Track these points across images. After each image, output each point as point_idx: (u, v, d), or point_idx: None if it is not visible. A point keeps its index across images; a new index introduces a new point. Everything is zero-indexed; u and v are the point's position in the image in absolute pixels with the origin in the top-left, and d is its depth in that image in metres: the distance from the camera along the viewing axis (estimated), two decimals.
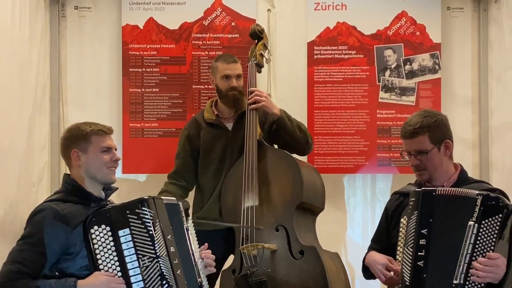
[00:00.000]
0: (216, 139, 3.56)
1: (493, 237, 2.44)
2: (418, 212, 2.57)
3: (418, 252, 2.52)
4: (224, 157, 3.53)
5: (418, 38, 4.16)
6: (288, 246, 3.23)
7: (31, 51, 3.89)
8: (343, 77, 4.18)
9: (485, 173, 4.12)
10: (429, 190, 2.61)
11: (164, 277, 2.38)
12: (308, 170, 3.42)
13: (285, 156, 3.40)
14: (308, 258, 3.17)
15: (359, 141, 4.18)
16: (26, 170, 3.78)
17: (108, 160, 2.58)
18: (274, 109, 3.46)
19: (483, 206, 2.46)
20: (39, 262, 2.38)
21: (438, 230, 2.53)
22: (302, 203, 3.29)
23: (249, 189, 3.32)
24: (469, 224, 2.47)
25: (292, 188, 3.30)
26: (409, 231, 2.59)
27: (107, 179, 2.59)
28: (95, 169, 2.57)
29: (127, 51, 4.17)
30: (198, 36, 4.19)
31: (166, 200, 2.62)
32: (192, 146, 3.60)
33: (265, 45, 3.62)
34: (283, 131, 3.48)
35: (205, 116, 3.60)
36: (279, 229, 3.27)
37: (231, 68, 3.50)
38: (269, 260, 3.23)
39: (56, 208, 2.46)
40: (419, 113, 2.77)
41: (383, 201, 4.11)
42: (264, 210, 3.32)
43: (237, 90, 3.49)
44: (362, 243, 4.11)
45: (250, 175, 3.34)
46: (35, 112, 3.94)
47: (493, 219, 2.45)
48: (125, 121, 4.17)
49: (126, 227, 2.42)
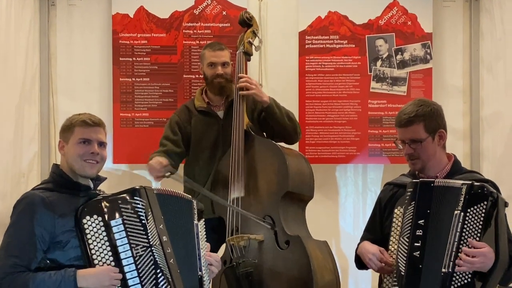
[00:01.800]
0: (207, 127, 3.55)
1: (479, 224, 2.45)
2: (415, 202, 2.58)
3: (414, 242, 2.53)
4: (217, 145, 3.53)
5: (409, 27, 4.15)
6: (274, 236, 3.23)
7: (19, 40, 3.85)
8: (335, 67, 4.17)
9: (476, 163, 4.13)
10: (427, 181, 2.62)
11: (158, 266, 2.38)
12: (295, 158, 3.40)
13: (271, 146, 3.39)
14: (293, 248, 3.17)
15: (351, 131, 4.17)
16: (14, 161, 3.75)
17: (82, 152, 2.53)
18: (263, 96, 3.45)
19: (468, 195, 2.48)
20: (31, 251, 2.37)
21: (433, 221, 2.54)
22: (288, 193, 3.28)
23: (236, 180, 3.32)
24: (455, 213, 2.49)
25: (278, 178, 3.29)
26: (405, 222, 2.59)
27: (82, 171, 2.55)
28: (71, 160, 2.54)
29: (117, 40, 4.13)
30: (189, 25, 4.16)
31: (159, 190, 2.59)
32: (181, 132, 3.58)
33: (254, 33, 3.59)
34: (272, 119, 3.47)
35: (196, 104, 3.59)
36: (266, 219, 3.27)
37: (217, 55, 3.49)
38: (256, 251, 3.23)
39: (41, 195, 2.45)
40: (414, 102, 2.77)
41: (374, 191, 4.13)
42: (251, 200, 3.32)
43: (223, 77, 3.49)
44: (353, 233, 4.13)
45: (237, 166, 3.33)
46: (24, 102, 3.91)
47: (478, 207, 2.46)
48: (116, 111, 4.13)
49: (119, 217, 2.40)
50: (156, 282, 2.37)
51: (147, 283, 2.36)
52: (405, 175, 2.85)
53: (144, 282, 2.36)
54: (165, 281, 2.38)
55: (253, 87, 3.43)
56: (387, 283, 2.63)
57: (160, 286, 2.37)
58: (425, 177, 2.72)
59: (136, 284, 2.36)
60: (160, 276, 2.37)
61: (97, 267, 2.37)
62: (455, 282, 2.43)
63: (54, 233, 2.41)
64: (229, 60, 3.54)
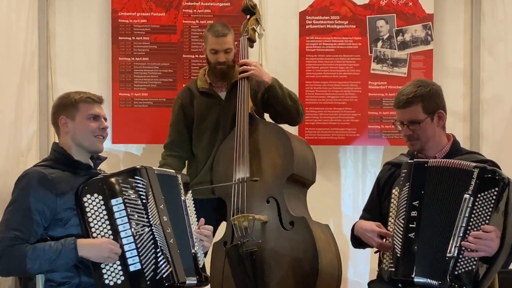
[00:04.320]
0: (209, 108, 3.54)
1: (489, 210, 2.42)
2: (409, 184, 2.56)
3: (409, 224, 2.51)
4: (218, 126, 3.52)
5: (410, 8, 4.13)
6: (278, 217, 3.24)
7: (18, 18, 3.82)
8: (335, 47, 4.15)
9: (475, 145, 4.12)
10: (421, 161, 2.59)
11: (157, 245, 2.38)
12: (299, 143, 3.42)
13: (276, 129, 3.40)
14: (298, 229, 3.18)
15: (351, 113, 4.16)
16: (14, 140, 3.74)
17: (95, 127, 2.55)
18: (264, 77, 3.44)
19: (480, 179, 2.44)
20: (32, 225, 2.37)
21: (430, 202, 2.52)
22: (292, 175, 3.29)
23: (240, 162, 3.32)
24: (464, 197, 2.45)
25: (283, 160, 3.30)
26: (400, 203, 2.58)
27: (93, 147, 2.56)
28: (81, 137, 2.54)
29: (116, 19, 4.11)
30: (188, 5, 4.13)
31: (159, 171, 2.59)
32: (186, 115, 3.58)
33: (257, 20, 3.60)
34: (274, 99, 3.46)
35: (198, 85, 3.57)
36: (269, 200, 3.28)
37: (219, 42, 3.45)
38: (259, 231, 3.24)
39: (43, 171, 2.45)
40: (413, 82, 2.75)
41: (374, 173, 4.12)
42: (255, 182, 3.30)
43: (225, 64, 3.46)
44: (352, 215, 4.12)
45: (241, 148, 3.33)
46: (24, 81, 3.90)
47: (489, 193, 2.43)
48: (115, 91, 4.12)
49: (119, 196, 2.40)
50: (156, 261, 2.37)
51: (147, 262, 2.37)
52: (404, 155, 2.84)
53: (144, 261, 2.36)
54: (164, 261, 2.38)
55: (251, 68, 3.42)
56: (386, 263, 2.62)
57: (159, 265, 2.37)
58: (424, 157, 2.70)
59: (135, 263, 2.36)
60: (159, 256, 2.37)
61: (97, 238, 2.38)
62: (460, 267, 2.41)
63: (55, 210, 2.41)
64: (233, 44, 3.50)
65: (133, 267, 2.36)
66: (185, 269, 2.47)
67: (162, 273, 2.37)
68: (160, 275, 2.36)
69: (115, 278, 2.36)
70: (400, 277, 2.50)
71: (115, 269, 2.37)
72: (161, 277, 2.36)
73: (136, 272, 2.36)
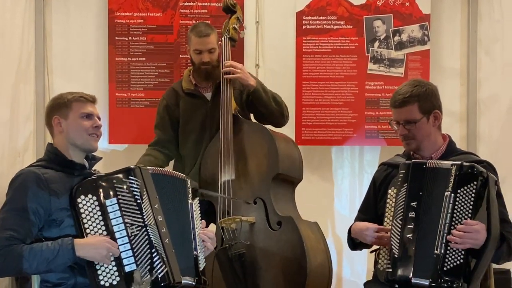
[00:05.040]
0: (195, 109, 3.53)
1: (470, 205, 2.45)
2: (407, 184, 2.57)
3: (407, 225, 2.53)
4: (204, 127, 3.52)
5: (407, 9, 4.13)
6: (266, 218, 3.24)
7: (13, 17, 3.81)
8: (332, 47, 4.15)
9: (472, 145, 4.12)
10: (419, 162, 2.61)
11: (152, 245, 2.37)
12: (284, 142, 3.42)
13: (260, 129, 3.40)
14: (286, 228, 3.19)
15: (347, 113, 4.16)
16: (10, 140, 3.74)
17: (88, 126, 2.55)
18: (249, 80, 3.43)
19: (458, 176, 2.48)
20: (27, 225, 2.37)
21: (425, 203, 2.53)
22: (278, 175, 3.30)
23: (226, 164, 3.32)
24: (445, 195, 2.48)
25: (268, 160, 3.31)
26: (398, 204, 2.59)
27: (87, 145, 2.56)
28: (75, 135, 2.54)
29: (113, 19, 4.11)
30: (185, 5, 4.13)
31: (154, 170, 2.58)
32: (171, 116, 3.58)
33: (238, 19, 3.57)
34: (258, 102, 3.46)
35: (184, 86, 3.57)
36: (257, 201, 3.28)
37: (203, 42, 3.44)
38: (248, 233, 3.25)
39: (37, 171, 2.44)
40: (409, 82, 2.76)
41: (370, 173, 4.09)
42: (242, 183, 3.32)
43: (209, 64, 3.46)
44: (349, 215, 4.11)
45: (226, 150, 3.33)
46: (20, 81, 3.89)
47: (468, 187, 2.46)
48: (111, 91, 4.12)
49: (113, 197, 2.39)
50: (151, 261, 2.36)
51: (142, 262, 2.36)
52: (400, 155, 2.85)
53: (139, 262, 2.36)
54: (160, 261, 2.37)
55: (237, 71, 3.41)
56: (382, 264, 2.63)
57: (155, 265, 2.36)
58: (420, 157, 2.71)
59: (131, 264, 2.35)
60: (155, 256, 2.37)
61: (94, 236, 2.37)
62: (448, 263, 2.43)
63: (49, 210, 2.41)
64: (217, 44, 3.49)
65: (128, 267, 2.35)
66: (183, 268, 2.47)
67: (158, 273, 2.36)
68: (156, 275, 2.36)
69: (111, 278, 2.35)
70: (398, 278, 2.51)
71: (110, 270, 2.36)
72: (156, 277, 2.36)
73: (132, 272, 2.35)
